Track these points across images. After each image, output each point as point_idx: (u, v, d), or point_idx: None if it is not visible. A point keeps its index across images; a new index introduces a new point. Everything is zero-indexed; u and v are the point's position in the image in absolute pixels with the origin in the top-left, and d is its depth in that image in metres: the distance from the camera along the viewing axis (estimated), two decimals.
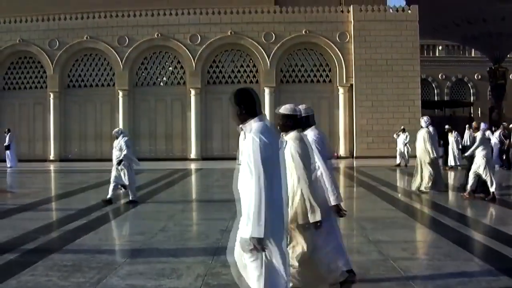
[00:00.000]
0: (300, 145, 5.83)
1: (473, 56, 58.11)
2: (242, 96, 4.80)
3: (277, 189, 4.67)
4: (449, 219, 11.83)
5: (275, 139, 4.76)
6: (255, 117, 4.71)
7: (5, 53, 37.39)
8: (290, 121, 5.98)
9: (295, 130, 5.98)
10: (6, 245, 9.30)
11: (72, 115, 37.41)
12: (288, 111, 6.03)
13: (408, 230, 11.12)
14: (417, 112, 35.59)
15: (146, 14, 36.51)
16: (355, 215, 13.46)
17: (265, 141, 4.56)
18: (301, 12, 36.13)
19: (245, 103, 4.75)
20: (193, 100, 36.10)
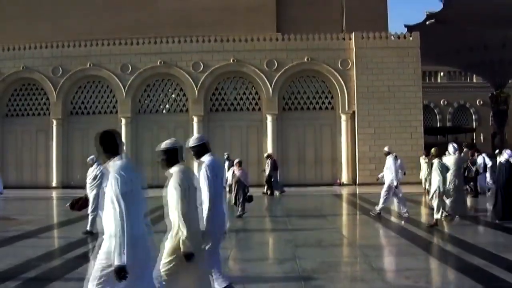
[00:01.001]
0: (177, 178, 6.08)
1: (475, 82, 58.27)
2: (103, 138, 5.43)
3: (137, 222, 5.21)
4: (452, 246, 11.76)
5: (134, 175, 5.36)
6: (116, 156, 5.35)
7: (9, 80, 37.54)
8: (167, 155, 6.27)
9: (177, 164, 6.24)
10: (8, 273, 9.27)
11: (75, 142, 37.42)
12: (164, 146, 6.32)
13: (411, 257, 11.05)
14: (419, 138, 35.56)
15: (149, 42, 36.71)
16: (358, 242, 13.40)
17: (124, 177, 5.16)
18: (303, 40, 36.29)
19: (106, 144, 5.40)
20: (196, 128, 36.06)
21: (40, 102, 38.00)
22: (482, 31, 42.61)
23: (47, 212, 22.71)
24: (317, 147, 36.40)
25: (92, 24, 41.57)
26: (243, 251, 12.23)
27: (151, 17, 41.59)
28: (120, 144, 5.49)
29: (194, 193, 6.26)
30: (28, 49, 37.47)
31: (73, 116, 37.64)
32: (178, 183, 6.05)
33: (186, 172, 6.23)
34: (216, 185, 7.18)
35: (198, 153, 7.27)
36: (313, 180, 35.61)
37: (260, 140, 36.21)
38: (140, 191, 5.39)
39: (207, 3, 41.89)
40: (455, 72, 58.14)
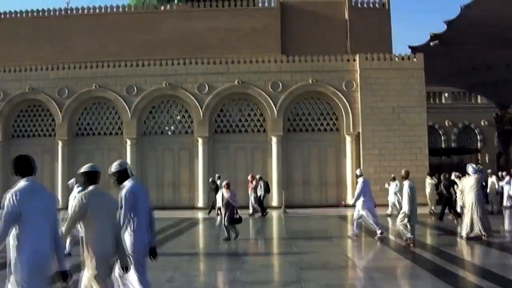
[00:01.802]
0: (74, 206, 6.73)
1: (480, 103, 58.29)
2: (17, 161, 6.15)
3: (33, 241, 5.70)
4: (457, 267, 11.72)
5: (33, 196, 5.90)
6: (24, 177, 6.01)
7: (15, 101, 37.73)
8: (82, 179, 7.07)
9: (92, 186, 6.93)
10: None
11: (80, 163, 36.85)
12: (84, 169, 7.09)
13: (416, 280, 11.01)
14: (424, 159, 35.50)
15: (154, 64, 36.91)
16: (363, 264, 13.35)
17: (18, 199, 5.73)
18: (308, 61, 36.44)
19: (18, 166, 6.09)
20: (201, 149, 36.17)
21: (46, 123, 38.16)
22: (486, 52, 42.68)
23: None
24: (321, 168, 36.39)
25: (97, 46, 41.80)
26: (248, 273, 12.20)
27: (156, 39, 41.84)
28: (34, 167, 6.18)
29: (108, 213, 6.75)
30: (34, 70, 37.70)
31: (78, 137, 37.77)
32: (73, 209, 6.77)
33: (95, 194, 6.81)
34: (138, 209, 7.52)
35: (119, 179, 7.71)
36: (317, 201, 35.60)
37: (264, 161, 36.25)
38: (34, 211, 5.82)
39: (212, 25, 42.12)
40: (460, 92, 58.20)
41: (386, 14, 42.64)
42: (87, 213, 6.58)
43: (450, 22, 39.04)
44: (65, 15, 43.53)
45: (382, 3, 42.90)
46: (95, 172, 7.07)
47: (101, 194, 6.85)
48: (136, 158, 36.53)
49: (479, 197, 16.90)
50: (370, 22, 41.77)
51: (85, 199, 6.67)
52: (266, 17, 42.42)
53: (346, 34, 42.15)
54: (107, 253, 6.63)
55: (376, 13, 42.55)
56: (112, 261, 6.72)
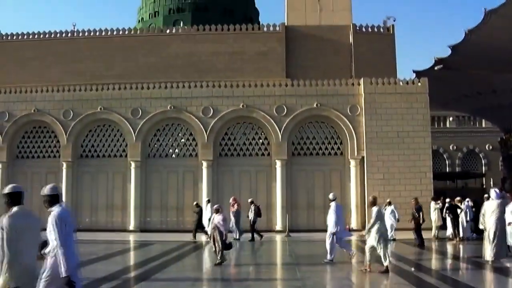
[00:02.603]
0: None
1: (484, 127, 58.35)
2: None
3: None
4: None
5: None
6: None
7: (20, 122, 37.82)
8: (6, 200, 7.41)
9: (16, 206, 7.37)
10: None
11: (84, 185, 37.54)
12: None
13: None
14: (429, 184, 35.40)
15: (159, 87, 37.03)
16: None
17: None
18: (312, 85, 36.51)
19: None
20: (205, 172, 36.14)
21: (51, 144, 38.21)
22: (490, 76, 42.85)
23: None
24: (326, 192, 35.89)
25: (103, 68, 42.14)
26: None
27: (161, 62, 42.12)
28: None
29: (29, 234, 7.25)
30: (40, 92, 37.81)
31: (83, 159, 37.80)
32: None
33: (20, 214, 7.29)
34: (65, 234, 7.66)
35: (50, 202, 7.84)
36: (322, 225, 34.85)
37: (269, 185, 36.20)
38: None
39: (217, 48, 42.43)
40: (464, 117, 58.30)
41: (390, 39, 42.87)
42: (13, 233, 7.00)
43: (454, 47, 39.25)
44: (71, 37, 43.95)
45: (386, 28, 43.16)
46: (19, 193, 7.41)
47: (26, 214, 7.34)
48: (140, 180, 36.54)
49: (500, 222, 17.03)
50: (375, 46, 42.01)
51: (10, 220, 7.11)
52: (271, 41, 42.71)
53: (351, 58, 42.36)
54: (29, 272, 7.14)
55: (381, 37, 42.80)
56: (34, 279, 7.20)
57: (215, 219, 18.39)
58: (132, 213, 36.25)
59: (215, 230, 18.04)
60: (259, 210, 30.10)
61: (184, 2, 53.26)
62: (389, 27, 43.18)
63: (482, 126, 58.52)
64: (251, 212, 29.76)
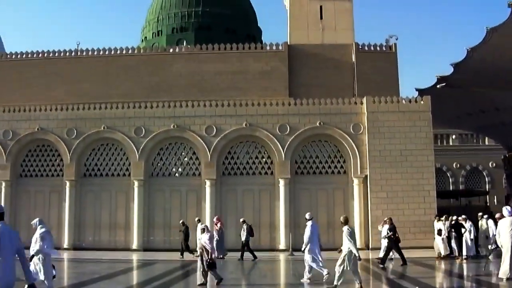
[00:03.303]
0: None
1: (487, 145, 58.31)
2: None
3: None
4: None
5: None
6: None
7: (24, 141, 37.90)
8: None
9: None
10: None
11: (87, 203, 37.52)
12: None
13: None
14: (432, 202, 35.31)
15: (162, 106, 37.11)
16: None
17: None
18: (315, 104, 36.58)
19: None
20: (208, 191, 36.11)
21: (54, 163, 38.26)
22: (493, 94, 42.82)
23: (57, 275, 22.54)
24: (329, 211, 36.19)
25: (107, 87, 42.29)
26: None
27: (165, 81, 42.28)
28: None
29: None
30: (43, 110, 37.93)
31: (86, 178, 37.82)
32: None
33: None
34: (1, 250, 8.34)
35: None
36: (325, 244, 34.90)
37: (272, 204, 36.15)
38: None
39: (221, 67, 42.57)
40: (467, 134, 58.27)
41: (393, 57, 42.98)
42: None
43: (456, 65, 39.26)
44: (75, 57, 44.11)
45: (389, 46, 43.27)
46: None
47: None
48: (143, 199, 36.54)
49: None
50: (377, 65, 42.12)
51: None
52: (274, 60, 42.85)
53: (354, 77, 42.46)
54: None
55: (383, 56, 42.91)
56: None
57: (202, 238, 18.36)
58: (135, 232, 36.21)
59: (203, 250, 17.99)
60: (251, 229, 29.98)
61: (187, 21, 53.49)
62: (392, 45, 43.29)
63: (485, 143, 58.49)
64: (243, 232, 29.64)
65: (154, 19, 55.43)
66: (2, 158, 37.53)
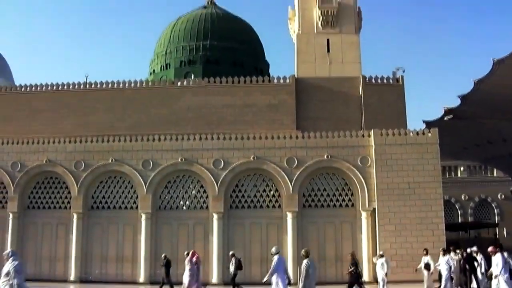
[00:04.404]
0: None
1: (496, 176, 58.11)
2: None
3: None
4: None
5: None
6: None
7: (32, 173, 38.00)
8: None
9: None
10: None
11: (95, 236, 37.44)
12: None
13: None
14: (441, 235, 35.05)
15: (170, 139, 37.22)
16: None
17: None
18: (323, 137, 36.62)
19: None
20: (216, 225, 36.00)
21: (62, 195, 38.30)
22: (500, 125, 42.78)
23: None
24: (337, 244, 36.01)
25: (115, 120, 42.55)
26: None
27: (173, 114, 42.48)
28: None
29: None
30: (52, 143, 38.12)
31: (93, 211, 37.80)
32: None
33: None
34: None
35: None
36: (333, 278, 34.98)
37: (280, 237, 35.94)
38: None
39: (228, 100, 42.78)
40: (475, 166, 58.12)
41: (400, 90, 43.10)
42: None
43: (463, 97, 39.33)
44: (83, 89, 44.48)
45: (396, 79, 43.40)
46: None
47: None
48: (150, 232, 36.48)
49: None
50: (385, 97, 42.24)
51: None
52: (281, 93, 43.04)
53: (361, 109, 42.54)
54: None
55: (391, 89, 43.03)
56: None
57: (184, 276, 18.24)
58: (142, 266, 36.06)
59: None
60: (240, 263, 29.78)
61: (195, 54, 53.92)
62: (399, 78, 43.42)
63: (493, 175, 58.28)
64: (232, 265, 29.47)
65: (162, 52, 55.90)
66: (10, 190, 37.68)
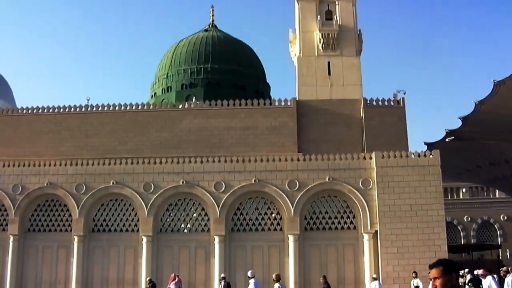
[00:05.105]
0: None
1: (498, 197, 57.96)
2: None
3: None
4: None
5: None
6: None
7: (33, 196, 37.93)
8: None
9: None
10: None
11: (95, 259, 37.28)
12: None
13: None
14: (443, 257, 34.68)
15: (171, 161, 37.19)
16: None
17: None
18: (324, 160, 36.58)
19: None
20: (217, 248, 35.82)
21: (63, 218, 38.21)
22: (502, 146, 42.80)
23: None
24: (339, 267, 35.85)
25: (116, 143, 42.57)
26: None
27: (174, 137, 42.50)
28: None
29: None
30: (53, 165, 38.09)
31: (94, 234, 37.69)
32: None
33: None
34: None
35: None
36: None
37: (281, 260, 35.80)
38: None
39: (229, 123, 42.80)
40: (477, 187, 57.98)
41: (401, 112, 43.10)
42: None
43: (465, 118, 39.40)
44: (85, 112, 44.49)
45: (397, 101, 43.40)
46: None
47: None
48: (151, 255, 36.34)
49: None
50: (386, 120, 42.25)
51: None
52: (282, 115, 43.07)
53: (362, 131, 42.53)
54: None
55: (392, 111, 43.04)
56: None
57: None
58: None
59: None
60: (229, 286, 29.66)
61: (196, 77, 54.07)
62: (399, 100, 43.40)
63: (496, 196, 58.11)
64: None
65: (163, 75, 56.07)
66: (10, 212, 37.60)
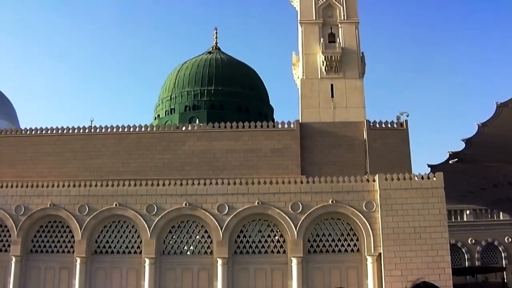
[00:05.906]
0: None
1: (502, 219, 57.80)
2: None
3: None
4: None
5: None
6: None
7: (36, 216, 37.89)
8: None
9: None
10: None
11: (98, 281, 37.14)
12: None
13: None
14: (448, 280, 34.68)
15: (174, 184, 37.20)
16: None
17: None
18: (328, 182, 36.55)
19: None
20: (220, 270, 35.65)
21: (65, 239, 38.14)
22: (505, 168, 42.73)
23: None
24: None
25: (119, 164, 42.61)
26: None
27: (177, 159, 42.54)
28: None
29: None
30: (56, 186, 38.10)
31: (97, 255, 37.57)
32: None
33: None
34: None
35: None
36: None
37: (285, 283, 35.61)
38: None
39: (233, 145, 42.84)
40: (481, 209, 57.82)
41: (404, 134, 43.12)
42: None
43: (468, 140, 39.39)
44: (88, 133, 44.59)
45: (400, 123, 43.45)
46: None
47: None
48: (154, 277, 36.17)
49: None
50: (389, 142, 42.27)
51: None
52: (285, 138, 43.11)
53: (365, 154, 42.53)
54: None
55: (395, 133, 43.07)
56: None
57: None
58: None
59: None
60: None
61: (200, 99, 54.31)
62: (403, 122, 43.44)
63: (500, 218, 57.94)
64: None
65: (167, 97, 56.31)
66: (13, 233, 37.55)
